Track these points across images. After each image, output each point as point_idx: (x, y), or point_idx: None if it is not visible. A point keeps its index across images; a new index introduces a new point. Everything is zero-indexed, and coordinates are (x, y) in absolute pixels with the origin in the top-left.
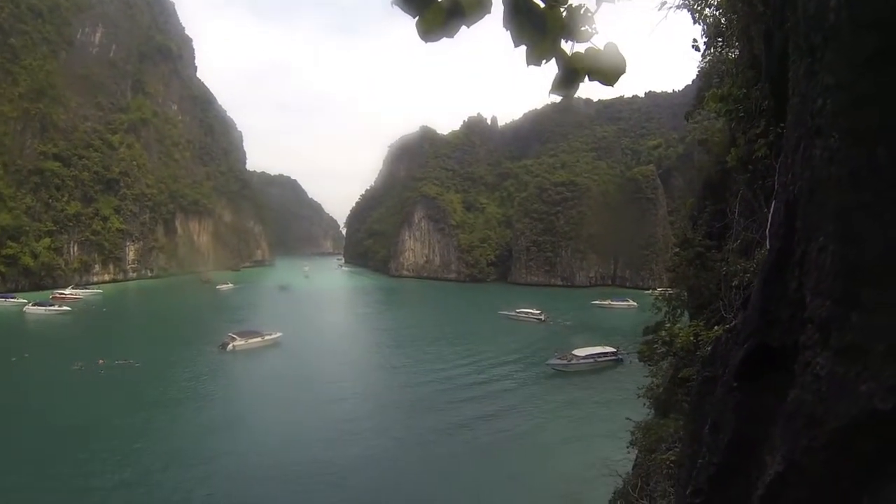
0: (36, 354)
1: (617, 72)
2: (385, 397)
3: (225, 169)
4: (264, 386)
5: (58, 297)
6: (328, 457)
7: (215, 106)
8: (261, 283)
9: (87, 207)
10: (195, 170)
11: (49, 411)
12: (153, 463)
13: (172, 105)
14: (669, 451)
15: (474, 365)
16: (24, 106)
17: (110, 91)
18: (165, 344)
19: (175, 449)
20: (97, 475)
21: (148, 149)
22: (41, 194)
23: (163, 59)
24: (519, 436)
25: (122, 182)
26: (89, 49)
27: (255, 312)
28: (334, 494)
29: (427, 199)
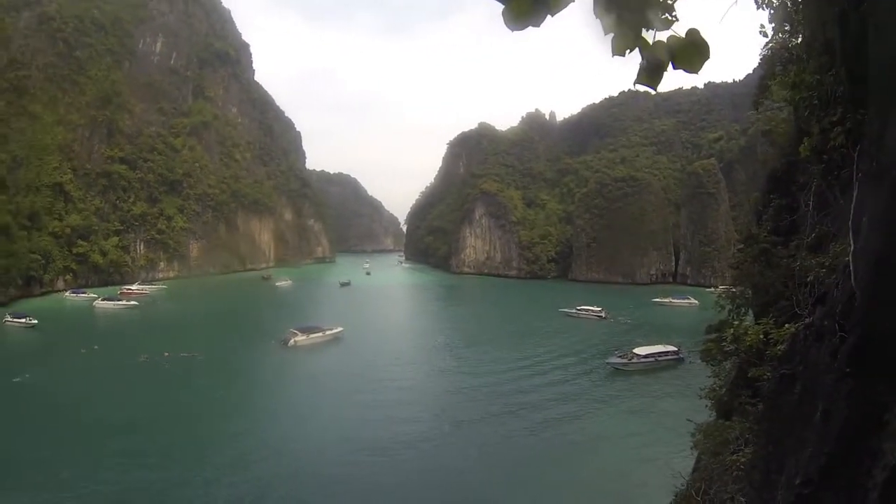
0: (105, 346)
1: (701, 58)
2: (443, 393)
3: (285, 168)
4: (324, 380)
5: (125, 292)
6: (384, 451)
7: (273, 107)
8: (322, 280)
9: (153, 207)
10: (256, 170)
11: (116, 401)
12: (215, 453)
13: (232, 108)
14: (738, 454)
15: (534, 362)
16: (92, 114)
17: (172, 97)
18: (228, 338)
19: (235, 440)
20: (159, 463)
21: (209, 150)
22: (109, 196)
23: (221, 64)
24: (577, 435)
25: (186, 183)
26: (151, 58)
27: (317, 308)
28: (389, 488)
29: (487, 195)
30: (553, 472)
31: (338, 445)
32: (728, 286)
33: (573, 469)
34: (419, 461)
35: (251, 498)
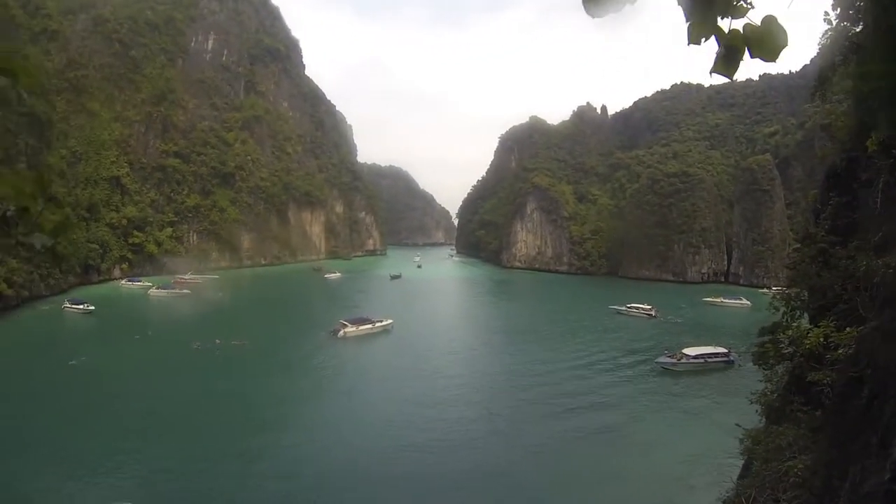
0: (158, 333)
1: (778, 46)
2: (490, 389)
3: (336, 161)
4: (373, 372)
5: (178, 281)
6: (429, 446)
7: (324, 101)
8: (372, 273)
9: (206, 200)
10: (307, 162)
11: (168, 385)
12: (261, 440)
13: (283, 102)
14: (795, 459)
15: (582, 360)
16: (147, 110)
17: (224, 92)
18: (278, 328)
19: (281, 428)
20: (207, 448)
21: (261, 144)
22: (164, 189)
23: (272, 59)
24: (624, 434)
25: (238, 176)
26: (203, 55)
27: (367, 301)
28: (432, 484)
29: (539, 189)
30: (597, 472)
31: (383, 439)
32: (783, 287)
33: (618, 469)
34: (463, 458)
35: (295, 487)
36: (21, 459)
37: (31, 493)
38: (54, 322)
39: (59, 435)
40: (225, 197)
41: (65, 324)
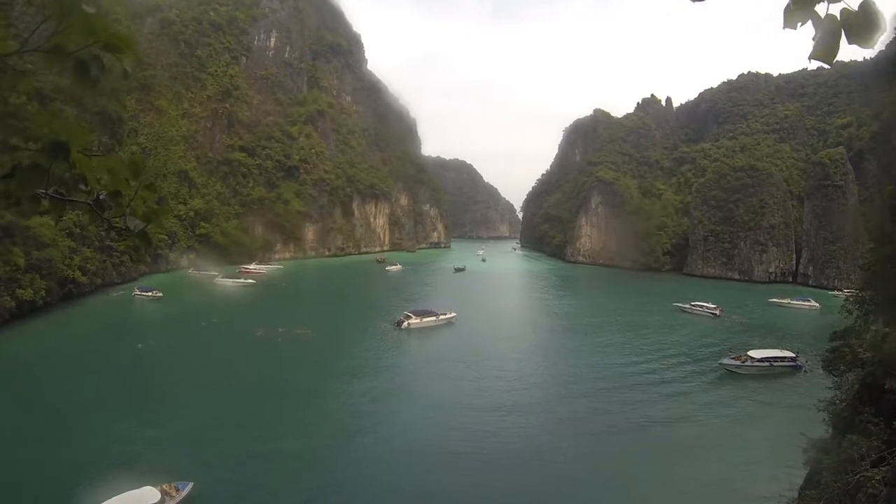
0: (223, 320)
1: (875, 31)
2: (549, 385)
3: (400, 154)
4: (435, 365)
5: (243, 271)
6: (486, 438)
7: (387, 95)
8: (436, 265)
9: (270, 192)
10: (371, 155)
11: (232, 370)
12: (320, 427)
13: (346, 96)
14: (870, 472)
15: (644, 357)
16: (213, 107)
17: (287, 88)
18: (341, 318)
19: (340, 416)
20: (265, 432)
21: (325, 137)
22: (230, 181)
23: (334, 55)
24: (680, 435)
25: (302, 169)
26: (266, 52)
27: (431, 293)
28: (487, 474)
29: (603, 183)
30: (652, 474)
31: (441, 431)
32: (856, 290)
33: (673, 472)
34: (518, 453)
35: (351, 474)
36: (87, 435)
37: (96, 464)
38: (124, 308)
39: (123, 413)
40: (289, 189)
41: (134, 310)
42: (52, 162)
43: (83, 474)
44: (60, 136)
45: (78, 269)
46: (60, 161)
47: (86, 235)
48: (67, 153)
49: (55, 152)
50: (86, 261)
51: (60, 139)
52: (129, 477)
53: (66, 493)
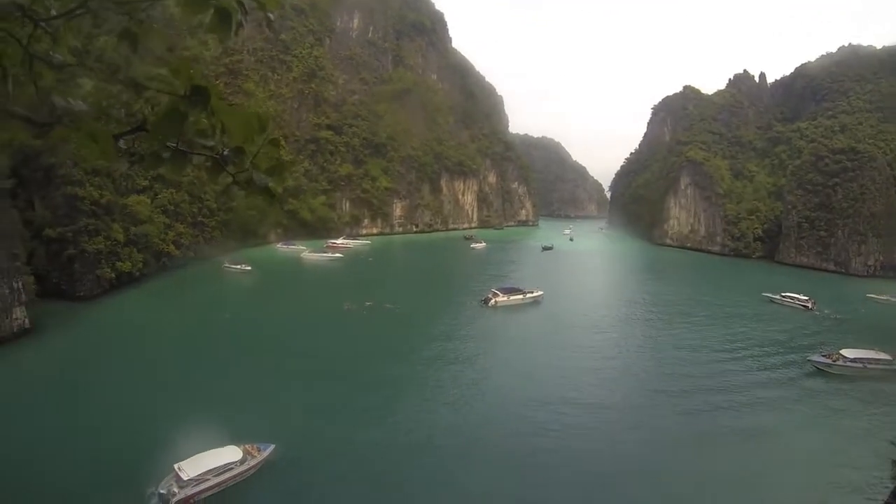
0: (310, 293)
1: None
2: (631, 371)
3: (488, 132)
4: (520, 343)
5: (331, 245)
6: (562, 421)
7: (473, 73)
8: (524, 243)
9: (358, 169)
10: (459, 133)
11: (317, 341)
12: (404, 400)
13: (432, 74)
14: None
15: (728, 347)
16: (299, 87)
17: (373, 67)
18: (428, 294)
19: (427, 391)
20: (350, 400)
21: (412, 115)
22: (317, 159)
23: (417, 34)
24: (761, 434)
25: (389, 146)
26: (349, 33)
27: (519, 270)
28: (559, 456)
29: (693, 164)
30: (729, 474)
31: (519, 415)
32: None
33: (752, 473)
34: (593, 441)
35: (427, 451)
36: (177, 395)
37: (184, 421)
38: (215, 280)
39: (211, 377)
40: (377, 166)
41: (224, 282)
42: (193, 108)
43: (172, 430)
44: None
45: (172, 244)
46: (200, 108)
47: (179, 212)
48: (208, 99)
49: (196, 98)
50: (179, 235)
51: (201, 84)
52: (214, 435)
53: (155, 445)
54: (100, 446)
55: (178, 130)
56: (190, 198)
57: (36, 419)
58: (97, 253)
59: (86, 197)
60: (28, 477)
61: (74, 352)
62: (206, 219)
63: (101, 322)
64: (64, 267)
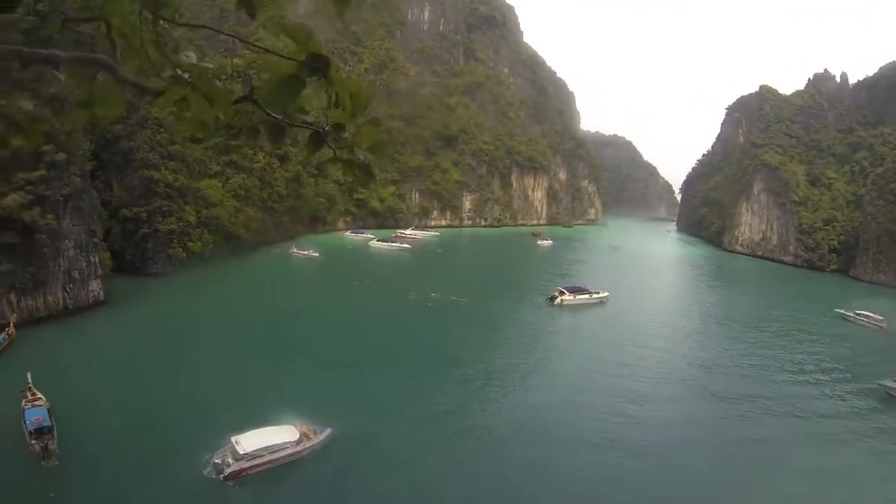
0: (376, 282)
1: None
2: (693, 383)
3: (560, 128)
4: (584, 344)
5: (399, 235)
6: (622, 430)
7: (545, 68)
8: (592, 242)
9: (429, 161)
10: (530, 128)
11: (381, 328)
12: (466, 393)
13: (503, 68)
14: None
15: (795, 364)
16: (370, 78)
17: (444, 59)
18: (494, 288)
19: (489, 386)
20: (410, 389)
21: (483, 108)
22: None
23: (489, 27)
24: (819, 459)
25: (461, 139)
26: (420, 26)
27: (585, 270)
28: (613, 466)
29: (767, 168)
30: (784, 496)
31: (579, 415)
32: None
33: (807, 499)
34: (652, 450)
35: (484, 444)
36: (241, 374)
37: (245, 398)
38: (282, 264)
39: (274, 358)
40: (447, 159)
41: (291, 267)
42: (312, 75)
43: (231, 404)
44: (320, 50)
45: (242, 227)
46: (319, 75)
47: (250, 197)
48: (327, 66)
49: (315, 65)
50: (249, 220)
51: (320, 52)
52: (272, 414)
53: (214, 416)
54: (160, 412)
55: (294, 98)
56: (260, 183)
57: (103, 384)
58: (169, 233)
59: (161, 180)
60: (92, 437)
61: (143, 324)
62: (275, 204)
63: (170, 298)
64: (138, 245)
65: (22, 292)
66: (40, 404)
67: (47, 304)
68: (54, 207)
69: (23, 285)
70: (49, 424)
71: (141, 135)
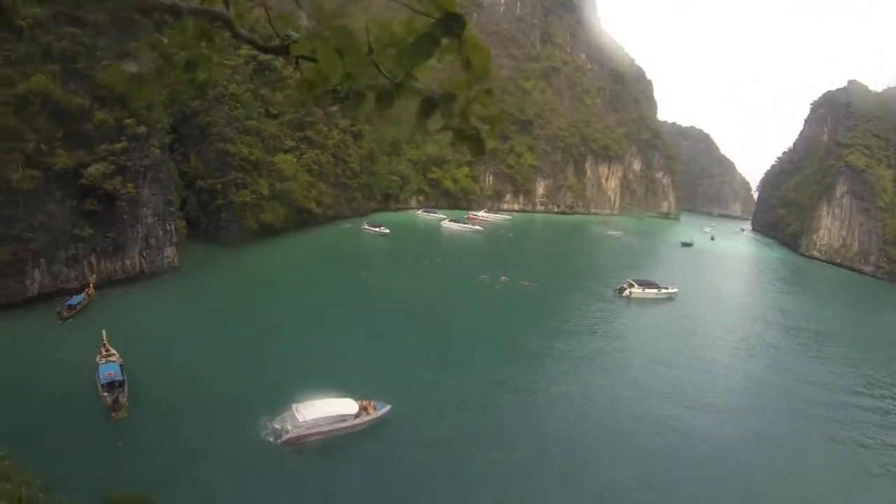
0: (446, 261)
1: None
2: (758, 391)
3: (636, 117)
4: (653, 339)
5: (471, 217)
6: (679, 435)
7: (622, 55)
8: (663, 236)
9: (503, 144)
10: (606, 116)
11: (448, 308)
12: (529, 379)
13: (580, 54)
14: None
15: (867, 385)
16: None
17: (521, 43)
18: (563, 275)
19: (552, 375)
20: (472, 370)
21: (560, 94)
22: None
23: (566, 11)
24: None
25: (536, 123)
26: (497, 8)
27: (654, 264)
28: (670, 472)
29: (852, 170)
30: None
31: (641, 416)
32: None
33: None
34: (710, 458)
35: (542, 436)
36: (306, 344)
37: (310, 368)
38: (353, 239)
39: (340, 330)
40: (522, 143)
41: (362, 242)
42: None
43: (294, 372)
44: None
45: (314, 201)
46: (452, 35)
47: (323, 172)
48: (463, 26)
49: (451, 24)
50: (322, 195)
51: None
52: (335, 385)
53: (278, 385)
54: (224, 374)
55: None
56: (334, 159)
57: (173, 344)
58: (243, 204)
59: (236, 153)
60: (159, 393)
61: (214, 290)
62: (348, 180)
63: (241, 266)
64: (212, 215)
65: (102, 256)
66: (113, 360)
67: (125, 267)
68: (134, 177)
69: (103, 249)
70: (120, 379)
71: (218, 110)
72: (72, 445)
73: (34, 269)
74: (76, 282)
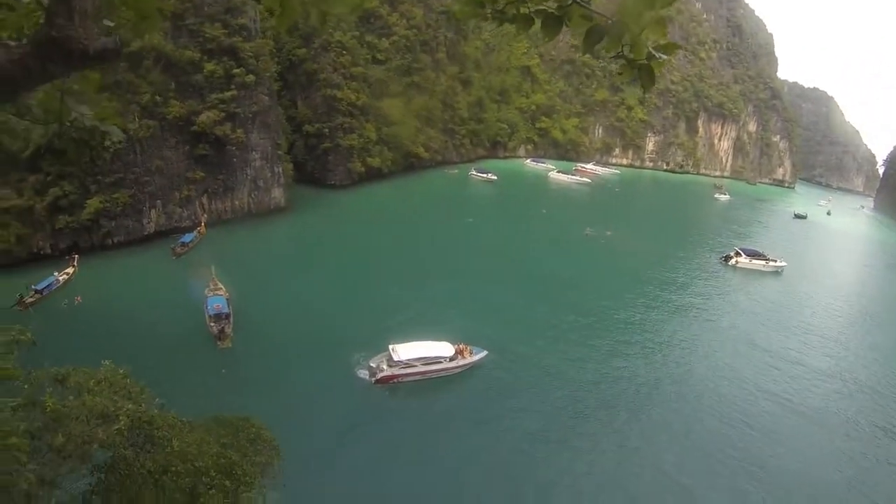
0: (553, 213)
1: None
2: (860, 391)
3: (753, 74)
4: (756, 314)
5: (579, 169)
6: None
7: (742, 4)
8: (774, 205)
9: (614, 96)
10: (722, 71)
11: (553, 261)
12: (624, 341)
13: (696, 3)
14: None
15: None
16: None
17: None
18: (668, 237)
19: (647, 339)
20: (569, 329)
21: None
22: (572, 80)
23: None
24: None
25: None
26: None
27: (764, 234)
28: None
29: None
30: None
31: (736, 399)
32: None
33: None
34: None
35: (644, 392)
36: (401, 282)
37: (405, 307)
38: (460, 185)
39: (443, 276)
40: (634, 96)
41: (469, 188)
42: None
43: (394, 315)
44: None
45: (421, 146)
46: None
47: (431, 118)
48: None
49: None
50: (429, 140)
51: None
52: (433, 328)
53: (376, 324)
54: (325, 311)
55: None
56: (442, 105)
57: (277, 281)
58: (350, 148)
59: (343, 98)
60: (262, 326)
61: (319, 230)
62: (456, 126)
63: (347, 208)
64: (319, 158)
65: (213, 196)
66: (221, 294)
67: (234, 207)
68: (243, 123)
69: (214, 191)
70: (227, 311)
71: (324, 57)
72: (181, 369)
73: (151, 210)
74: (189, 221)
